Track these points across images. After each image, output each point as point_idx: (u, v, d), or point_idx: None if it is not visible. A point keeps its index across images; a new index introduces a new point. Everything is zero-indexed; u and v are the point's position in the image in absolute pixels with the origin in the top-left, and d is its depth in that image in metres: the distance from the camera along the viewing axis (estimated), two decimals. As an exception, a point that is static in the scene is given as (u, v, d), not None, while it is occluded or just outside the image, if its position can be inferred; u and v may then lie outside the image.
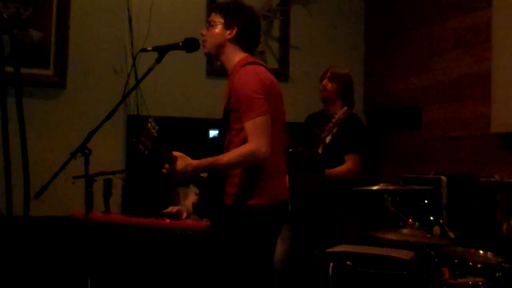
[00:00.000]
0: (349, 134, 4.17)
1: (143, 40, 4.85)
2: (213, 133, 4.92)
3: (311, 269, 3.56)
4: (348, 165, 4.17)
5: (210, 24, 3.05)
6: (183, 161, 2.77)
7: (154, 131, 2.74)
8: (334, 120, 4.06)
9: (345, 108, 4.19)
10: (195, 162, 2.79)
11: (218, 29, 3.02)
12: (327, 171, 4.04)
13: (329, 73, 4.28)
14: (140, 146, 2.74)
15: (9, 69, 1.82)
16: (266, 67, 3.06)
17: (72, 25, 4.73)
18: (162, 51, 2.98)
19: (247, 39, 3.05)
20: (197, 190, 3.25)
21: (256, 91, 2.84)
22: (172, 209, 3.96)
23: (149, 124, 2.74)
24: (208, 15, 3.21)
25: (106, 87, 4.76)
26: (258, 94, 2.84)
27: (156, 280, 3.77)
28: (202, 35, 3.07)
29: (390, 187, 3.53)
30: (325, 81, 4.27)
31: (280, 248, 3.58)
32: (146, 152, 2.73)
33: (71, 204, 4.19)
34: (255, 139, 2.79)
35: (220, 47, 3.03)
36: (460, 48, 4.79)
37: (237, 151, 2.85)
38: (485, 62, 4.47)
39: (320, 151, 4.16)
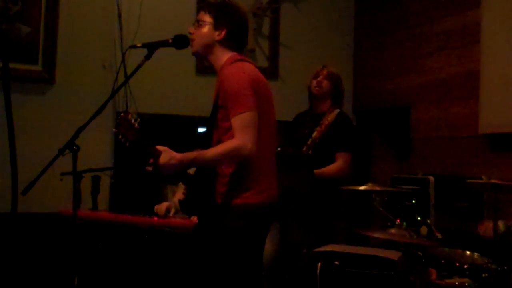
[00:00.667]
0: (339, 132, 4.18)
1: (133, 36, 4.83)
2: (202, 129, 4.90)
3: (299, 269, 3.56)
4: (339, 163, 4.17)
5: (198, 24, 3.02)
6: (167, 154, 2.76)
7: (135, 123, 2.73)
8: (327, 122, 4.07)
9: (337, 110, 4.22)
10: (179, 155, 2.77)
11: (206, 29, 3.00)
12: (318, 170, 4.05)
13: (326, 71, 4.29)
14: (120, 137, 2.74)
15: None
16: (254, 65, 3.06)
17: (61, 20, 4.71)
18: (151, 47, 2.95)
19: (236, 40, 3.03)
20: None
21: (244, 87, 2.83)
22: (160, 209, 3.94)
23: (130, 115, 2.73)
24: (197, 13, 3.16)
25: (95, 83, 4.74)
26: (246, 90, 2.83)
27: (144, 278, 3.75)
28: (190, 33, 3.04)
29: (377, 188, 3.54)
30: (320, 78, 4.27)
31: (268, 247, 3.58)
32: (127, 144, 2.73)
33: (58, 201, 4.17)
34: (241, 134, 2.77)
35: (209, 47, 3.01)
36: (449, 49, 4.81)
37: (223, 146, 2.84)
38: (474, 63, 4.49)
39: (310, 150, 4.17)
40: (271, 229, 3.17)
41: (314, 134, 4.21)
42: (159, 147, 2.78)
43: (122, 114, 2.74)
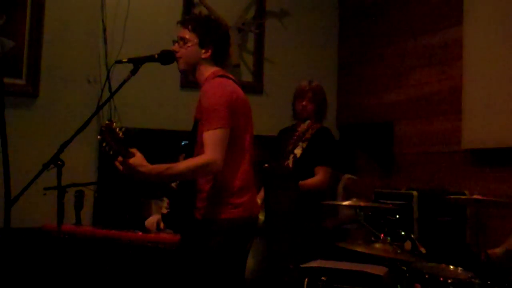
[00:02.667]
0: (320, 147, 4.20)
1: (117, 50, 4.83)
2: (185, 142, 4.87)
3: (286, 284, 3.55)
4: (319, 177, 4.18)
5: (184, 42, 3.02)
6: (139, 160, 2.72)
7: (120, 132, 2.72)
8: (307, 137, 4.09)
9: (317, 125, 4.24)
10: (150, 166, 2.73)
11: (193, 48, 3.00)
12: (299, 182, 4.05)
13: (311, 94, 4.28)
14: (105, 145, 2.72)
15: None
16: (235, 81, 3.08)
17: (46, 34, 4.69)
18: (137, 63, 2.96)
19: (220, 56, 3.07)
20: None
21: (220, 103, 2.85)
22: (150, 224, 3.91)
23: (114, 124, 2.73)
24: (181, 29, 3.09)
25: (80, 97, 4.72)
26: (221, 106, 2.85)
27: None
28: (175, 51, 3.04)
29: (361, 203, 3.55)
30: (305, 102, 4.27)
31: (251, 263, 3.57)
32: (111, 153, 2.71)
33: (42, 216, 4.13)
34: (211, 150, 2.78)
35: (195, 65, 3.04)
36: (432, 65, 4.86)
37: (191, 161, 2.84)
38: (456, 79, 4.54)
39: (290, 164, 4.18)
40: (255, 244, 3.17)
41: (296, 150, 4.22)
42: (135, 151, 2.74)
43: (107, 122, 2.74)
